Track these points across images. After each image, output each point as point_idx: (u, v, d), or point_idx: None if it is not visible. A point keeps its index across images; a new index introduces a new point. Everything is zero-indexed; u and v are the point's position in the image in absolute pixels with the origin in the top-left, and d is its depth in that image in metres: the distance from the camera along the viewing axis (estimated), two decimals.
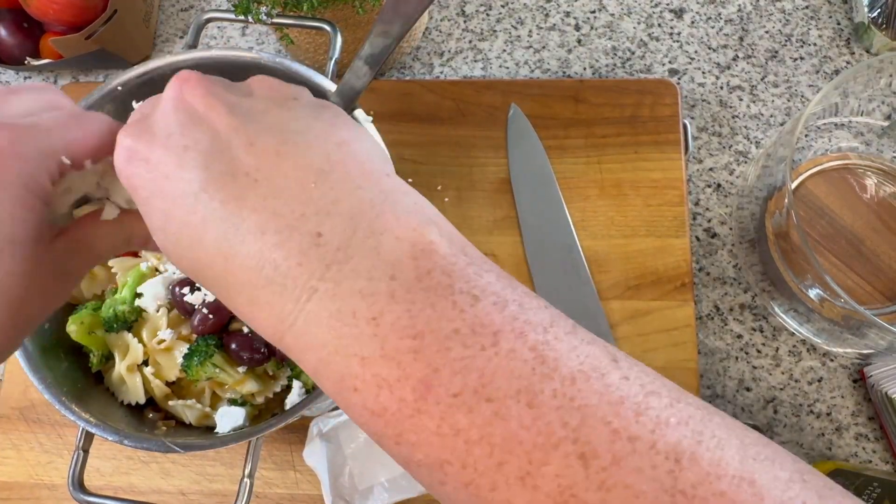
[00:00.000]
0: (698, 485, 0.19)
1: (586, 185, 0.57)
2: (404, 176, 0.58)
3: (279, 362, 0.47)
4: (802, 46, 0.63)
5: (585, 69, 0.64)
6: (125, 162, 0.26)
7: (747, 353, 0.55)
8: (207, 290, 0.26)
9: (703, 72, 0.63)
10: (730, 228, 0.59)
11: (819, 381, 0.54)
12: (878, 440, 0.53)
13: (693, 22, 0.64)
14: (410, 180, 0.58)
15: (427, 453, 0.21)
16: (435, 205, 0.63)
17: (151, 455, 0.53)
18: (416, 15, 0.35)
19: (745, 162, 0.60)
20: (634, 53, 0.64)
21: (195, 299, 0.45)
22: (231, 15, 0.49)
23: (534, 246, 0.56)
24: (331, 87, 0.44)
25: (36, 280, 0.27)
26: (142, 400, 0.46)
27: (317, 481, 0.51)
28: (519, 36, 0.65)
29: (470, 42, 0.65)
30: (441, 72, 0.64)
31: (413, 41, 0.63)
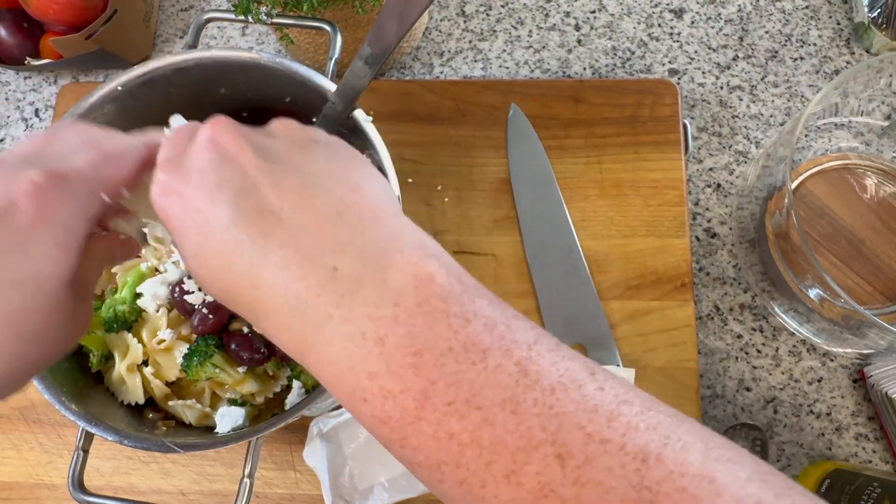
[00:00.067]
0: (662, 482, 0.21)
1: (586, 185, 0.57)
2: (404, 176, 0.58)
3: (279, 362, 0.47)
4: (802, 46, 0.63)
5: (585, 69, 0.64)
6: (161, 195, 0.29)
7: (747, 353, 0.55)
8: (234, 311, 0.29)
9: (703, 72, 0.63)
10: (730, 228, 0.59)
11: (819, 381, 0.54)
12: (878, 440, 0.53)
13: (693, 22, 0.64)
14: (410, 180, 0.58)
15: (427, 455, 0.24)
16: (435, 205, 0.63)
17: (151, 455, 0.53)
18: (416, 15, 0.35)
19: (745, 162, 0.60)
20: (634, 53, 0.64)
21: (195, 299, 0.45)
22: (231, 15, 0.49)
23: (534, 246, 0.56)
24: (331, 87, 0.44)
25: (57, 317, 0.28)
26: (141, 400, 0.46)
27: (317, 481, 0.51)
28: (519, 36, 0.65)
29: (470, 42, 0.65)
30: (441, 72, 0.64)
31: (413, 41, 0.63)
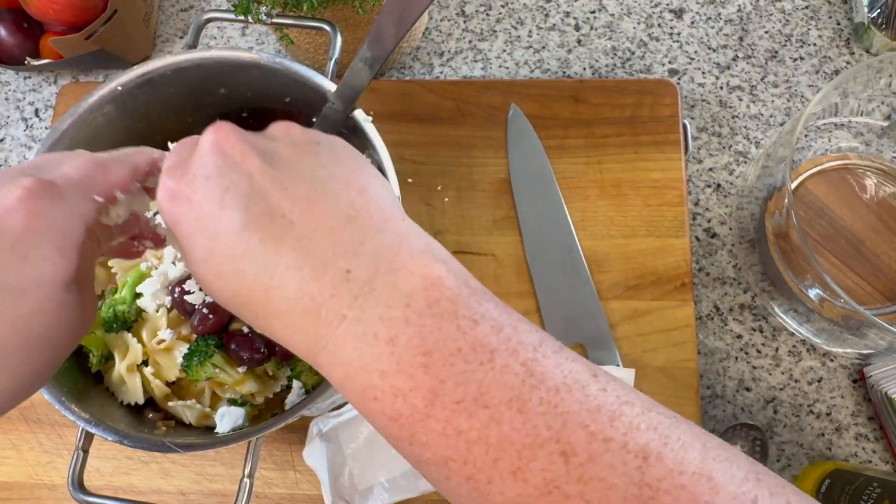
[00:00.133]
0: (662, 479, 0.22)
1: (586, 185, 0.57)
2: (404, 176, 0.58)
3: (279, 362, 0.47)
4: (802, 46, 0.63)
5: (585, 69, 0.64)
6: (168, 201, 0.29)
7: (747, 353, 0.55)
8: (239, 315, 0.29)
9: (703, 72, 0.63)
10: (730, 228, 0.59)
11: (819, 381, 0.54)
12: (878, 440, 0.53)
13: (693, 22, 0.64)
14: (410, 180, 0.58)
15: (434, 452, 0.24)
16: (435, 205, 0.63)
17: (151, 455, 0.53)
18: (416, 15, 0.35)
19: (745, 162, 0.60)
20: (634, 53, 0.64)
21: (195, 299, 0.45)
22: (231, 15, 0.49)
23: (534, 246, 0.56)
24: (330, 88, 0.44)
25: (59, 321, 0.29)
26: (141, 400, 0.46)
27: (317, 481, 0.51)
28: (519, 36, 0.65)
29: (470, 42, 0.65)
30: (441, 72, 0.64)
31: (413, 41, 0.63)
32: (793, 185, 0.57)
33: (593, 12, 0.65)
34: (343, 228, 0.27)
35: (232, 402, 0.46)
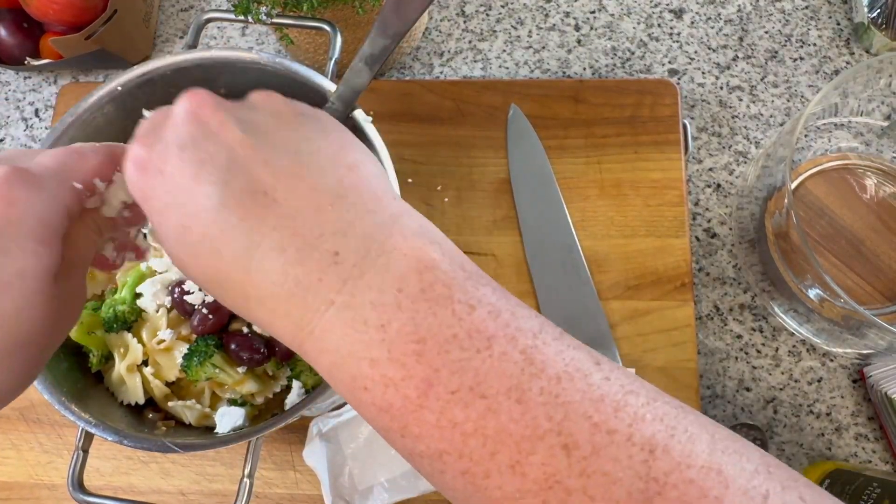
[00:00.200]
0: (670, 473, 0.21)
1: (586, 185, 0.57)
2: (404, 176, 0.58)
3: (279, 362, 0.47)
4: (802, 47, 0.63)
5: (585, 69, 0.64)
6: (138, 172, 0.27)
7: (747, 354, 0.55)
8: (218, 298, 0.27)
9: (703, 72, 0.63)
10: (729, 228, 0.59)
11: (819, 382, 0.54)
12: (878, 440, 0.53)
13: (693, 22, 0.64)
14: (410, 180, 0.58)
15: (428, 444, 0.23)
16: (435, 205, 0.63)
17: (151, 455, 0.53)
18: (416, 15, 0.35)
19: (745, 162, 0.60)
20: (634, 54, 0.64)
21: (195, 299, 0.45)
22: (231, 15, 0.49)
23: (534, 246, 0.56)
24: (331, 88, 0.44)
25: (49, 312, 0.27)
26: (141, 400, 0.46)
27: (317, 481, 0.51)
28: (519, 36, 0.65)
29: (470, 42, 0.65)
30: (441, 72, 0.64)
31: (413, 41, 0.63)
32: (793, 185, 0.57)
33: (593, 12, 0.65)
34: (331, 208, 0.25)
35: (232, 402, 0.46)
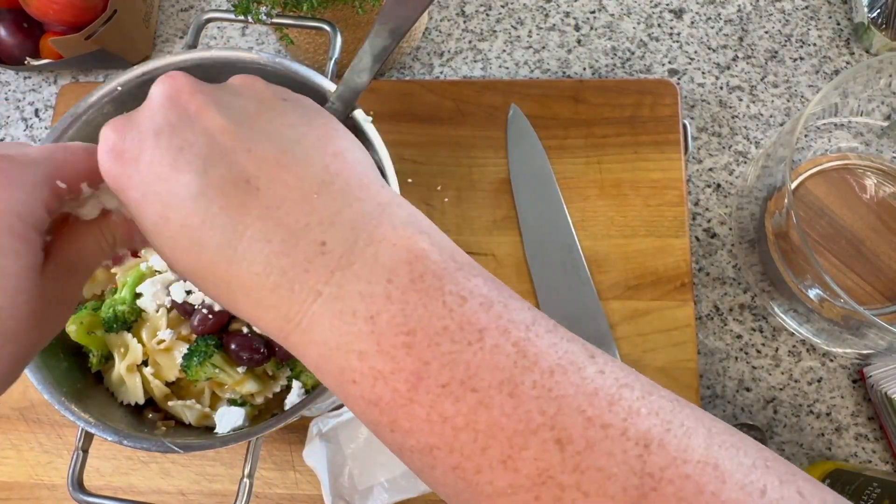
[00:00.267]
0: (665, 468, 0.21)
1: (586, 185, 0.57)
2: (404, 176, 0.58)
3: (279, 362, 0.47)
4: (802, 47, 0.63)
5: (585, 69, 0.64)
6: (112, 161, 0.26)
7: (747, 354, 0.55)
8: (203, 290, 0.27)
9: (703, 72, 0.63)
10: (729, 228, 0.59)
11: (819, 382, 0.54)
12: (878, 440, 0.53)
13: (693, 22, 0.64)
14: (410, 180, 0.58)
15: (418, 439, 0.23)
16: (435, 205, 0.62)
17: (151, 455, 0.53)
18: (416, 15, 0.35)
19: (745, 162, 0.60)
20: (634, 54, 0.64)
21: (195, 299, 0.45)
22: (231, 15, 0.49)
23: (534, 246, 0.56)
24: (330, 88, 0.44)
25: (31, 311, 0.26)
26: (141, 400, 0.46)
27: (316, 481, 0.51)
28: (519, 36, 0.65)
29: (470, 42, 0.65)
30: (441, 72, 0.64)
31: (413, 41, 0.63)
32: (793, 185, 0.57)
33: (593, 12, 0.65)
34: (317, 196, 0.25)
35: (232, 402, 0.46)
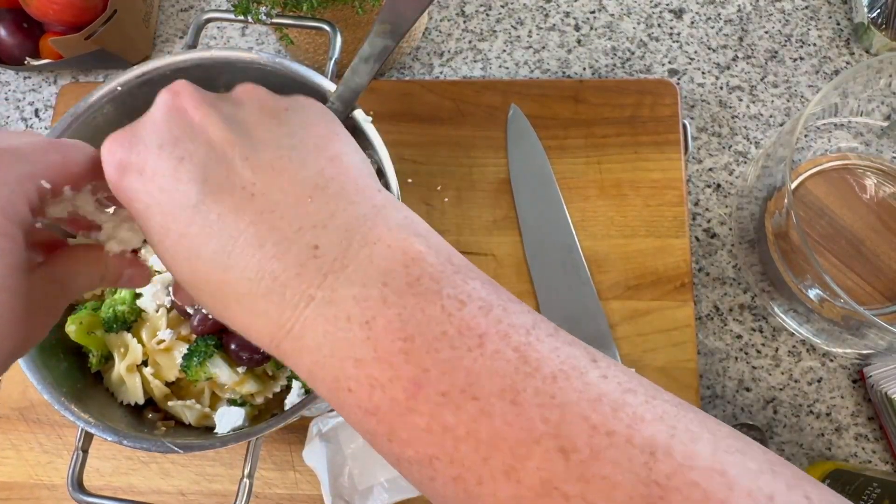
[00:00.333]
0: (672, 475, 0.20)
1: (586, 186, 0.57)
2: (404, 176, 0.58)
3: (279, 362, 0.47)
4: (802, 47, 0.63)
5: (585, 69, 0.64)
6: (118, 175, 0.26)
7: (747, 354, 0.55)
8: (201, 302, 0.26)
9: (703, 72, 0.63)
10: (729, 229, 0.59)
11: (819, 382, 0.54)
12: (878, 440, 0.53)
13: (693, 22, 0.64)
14: (410, 180, 0.58)
15: (417, 450, 0.22)
16: (435, 205, 0.62)
17: (151, 455, 0.53)
18: (416, 15, 0.35)
19: (745, 162, 0.60)
20: (634, 54, 0.64)
21: None
22: (231, 15, 0.49)
23: (533, 246, 0.56)
24: (330, 88, 0.44)
25: (13, 310, 0.25)
26: (141, 400, 0.46)
27: (316, 481, 0.51)
28: (519, 36, 0.65)
29: (470, 42, 0.65)
30: (441, 72, 0.64)
31: (413, 41, 0.63)
32: (793, 185, 0.57)
33: (593, 12, 0.65)
34: (310, 200, 0.24)
35: (232, 403, 0.46)
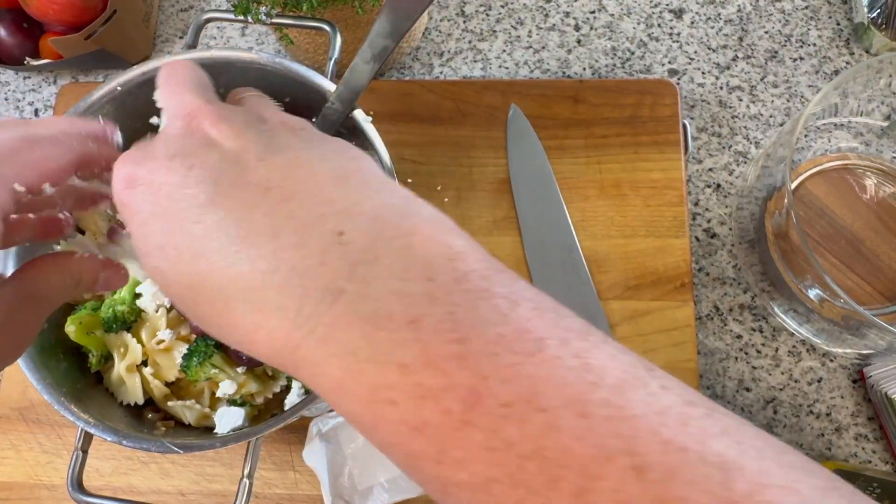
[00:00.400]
0: (749, 495, 0.18)
1: (586, 186, 0.57)
2: (404, 176, 0.58)
3: None
4: (802, 47, 0.63)
5: (585, 69, 0.64)
6: (124, 189, 0.24)
7: (747, 354, 0.55)
8: (193, 316, 0.24)
9: (703, 72, 0.63)
10: (729, 229, 0.59)
11: (819, 382, 0.54)
12: (878, 440, 0.53)
13: (693, 22, 0.64)
14: (410, 180, 0.58)
15: (474, 472, 0.19)
16: (435, 205, 0.63)
17: (151, 455, 0.53)
18: (416, 15, 0.35)
19: (745, 162, 0.60)
20: (634, 54, 0.64)
21: None
22: (231, 15, 0.49)
23: (533, 246, 0.56)
24: (330, 88, 0.44)
25: None
26: (141, 400, 0.46)
27: (316, 481, 0.51)
28: (519, 36, 0.65)
29: (470, 42, 0.65)
30: (441, 72, 0.64)
31: (413, 41, 0.63)
32: (792, 186, 0.57)
33: (593, 12, 0.65)
34: (333, 188, 0.22)
35: (231, 403, 0.46)
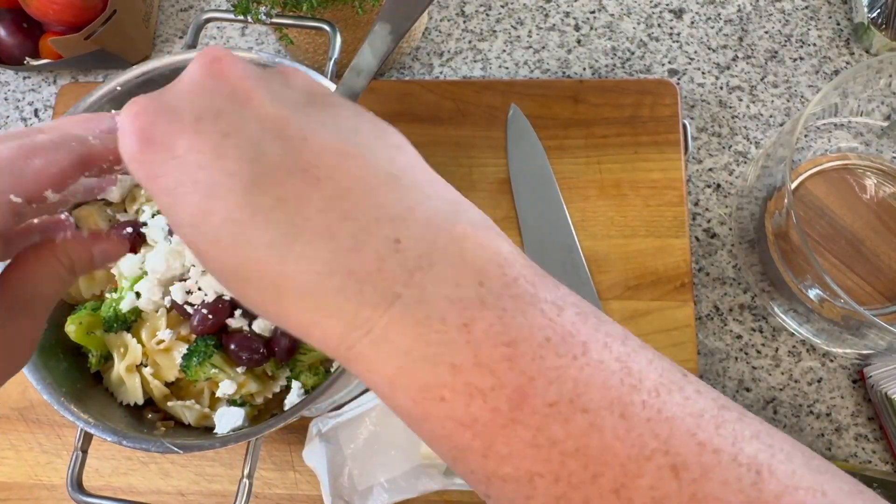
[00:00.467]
0: (780, 495, 0.19)
1: (586, 186, 0.57)
2: None
3: (278, 362, 0.47)
4: (802, 47, 0.63)
5: (585, 69, 0.64)
6: (139, 147, 0.22)
7: (747, 354, 0.55)
8: (239, 296, 0.23)
9: (703, 72, 0.63)
10: (729, 229, 0.59)
11: (819, 382, 0.54)
12: (878, 440, 0.53)
13: (693, 22, 0.64)
14: None
15: (517, 466, 0.20)
16: None
17: (150, 456, 0.53)
18: (416, 15, 0.35)
19: (745, 162, 0.60)
20: (634, 54, 0.64)
21: (195, 300, 0.45)
22: (230, 15, 0.49)
23: (534, 246, 0.56)
24: (330, 88, 0.44)
25: None
26: (140, 400, 0.46)
27: (316, 482, 0.51)
28: (519, 36, 0.65)
29: (470, 42, 0.65)
30: (441, 72, 0.64)
31: (413, 41, 0.63)
32: (792, 186, 0.57)
33: (593, 12, 0.65)
34: (386, 190, 0.22)
35: (231, 403, 0.46)
